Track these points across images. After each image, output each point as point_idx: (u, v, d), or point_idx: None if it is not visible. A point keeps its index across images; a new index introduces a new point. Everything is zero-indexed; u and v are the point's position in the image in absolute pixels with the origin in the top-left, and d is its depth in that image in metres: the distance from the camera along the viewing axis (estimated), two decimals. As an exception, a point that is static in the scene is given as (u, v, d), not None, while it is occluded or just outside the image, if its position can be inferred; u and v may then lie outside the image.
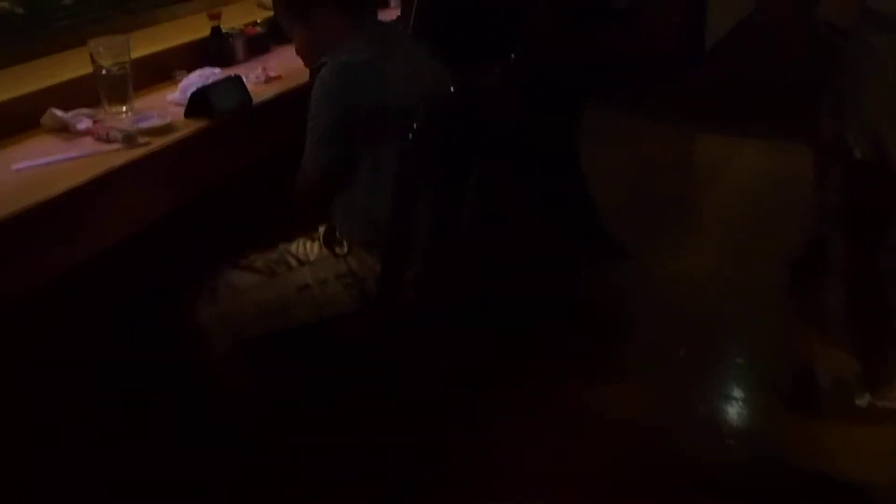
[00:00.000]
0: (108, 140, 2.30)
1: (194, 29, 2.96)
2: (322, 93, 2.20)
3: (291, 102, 2.57)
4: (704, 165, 5.26)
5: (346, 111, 2.19)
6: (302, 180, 2.31)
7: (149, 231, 2.24)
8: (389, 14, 3.41)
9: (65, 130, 2.39)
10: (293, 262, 2.31)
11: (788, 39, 3.81)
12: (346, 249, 2.30)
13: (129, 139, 2.28)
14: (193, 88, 2.50)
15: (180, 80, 2.67)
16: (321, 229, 2.34)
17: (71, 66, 2.55)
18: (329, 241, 2.32)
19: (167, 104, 2.57)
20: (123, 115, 2.47)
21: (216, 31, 2.92)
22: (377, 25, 2.36)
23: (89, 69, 2.46)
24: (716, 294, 3.55)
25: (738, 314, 3.42)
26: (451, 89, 2.25)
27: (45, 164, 2.19)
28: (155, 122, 2.39)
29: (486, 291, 2.87)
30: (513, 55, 2.61)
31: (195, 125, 2.42)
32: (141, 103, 2.56)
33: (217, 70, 2.71)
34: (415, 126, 2.09)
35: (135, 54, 2.65)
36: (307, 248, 2.33)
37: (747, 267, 3.77)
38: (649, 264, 3.73)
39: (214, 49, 2.91)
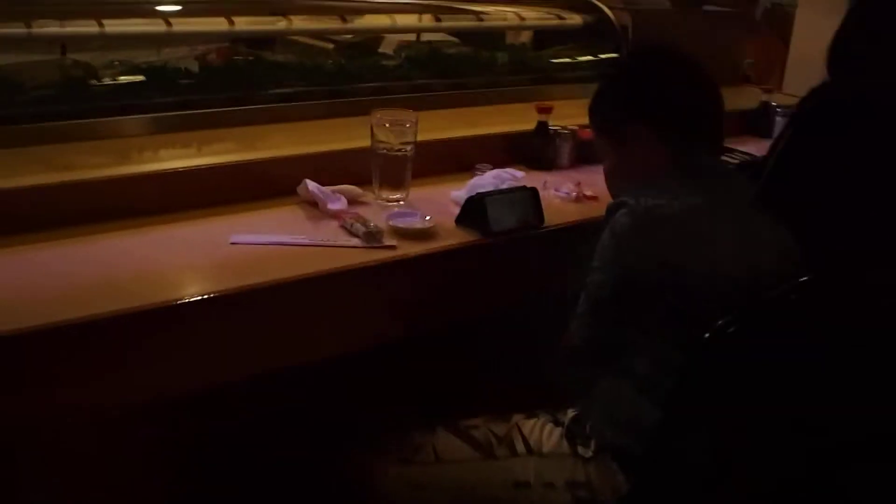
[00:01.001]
0: (350, 231, 1.89)
1: (517, 119, 2.50)
2: (613, 243, 1.63)
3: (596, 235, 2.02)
4: None
5: (639, 276, 1.60)
6: (565, 345, 1.75)
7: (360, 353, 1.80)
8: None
9: (315, 206, 2.02)
10: (520, 447, 1.74)
11: None
12: (590, 452, 1.69)
13: (371, 237, 1.86)
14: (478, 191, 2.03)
15: (480, 174, 2.22)
16: (569, 414, 1.75)
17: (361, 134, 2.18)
18: (573, 435, 1.72)
19: (447, 202, 2.11)
20: (394, 203, 2.06)
21: (542, 126, 2.44)
22: (706, 167, 1.73)
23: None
24: None
25: None
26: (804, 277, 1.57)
27: (264, 243, 1.82)
28: (413, 222, 1.94)
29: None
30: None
31: (462, 238, 1.95)
32: (420, 193, 2.14)
33: (520, 174, 2.23)
34: (727, 318, 1.45)
35: (441, 134, 2.28)
36: (545, 433, 1.75)
37: None
38: None
39: (534, 147, 2.43)
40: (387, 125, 2.06)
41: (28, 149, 1.97)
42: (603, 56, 2.94)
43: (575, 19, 2.92)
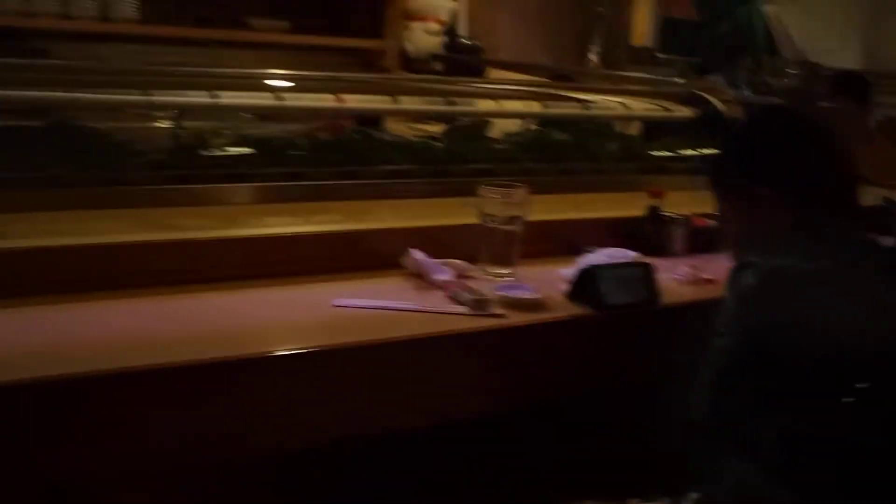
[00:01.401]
0: (457, 300, 1.82)
1: (626, 206, 2.42)
2: (736, 304, 1.53)
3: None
4: None
5: (764, 338, 1.50)
6: (684, 420, 1.63)
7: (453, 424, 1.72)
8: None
9: (420, 277, 1.96)
10: (635, 532, 1.61)
11: None
12: (714, 539, 1.55)
13: (480, 305, 1.79)
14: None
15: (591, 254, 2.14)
16: (692, 497, 1.62)
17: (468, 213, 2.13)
18: (696, 517, 1.59)
19: (556, 279, 2.03)
20: (500, 279, 1.99)
21: (653, 211, 2.36)
22: (837, 230, 1.62)
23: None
24: None
25: None
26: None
27: (365, 307, 1.77)
28: (522, 293, 1.87)
29: None
30: None
31: (572, 311, 1.86)
32: (528, 271, 2.06)
33: (633, 254, 2.13)
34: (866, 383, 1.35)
35: (549, 216, 2.21)
36: (664, 517, 1.62)
37: None
38: None
39: (646, 231, 2.35)
40: (495, 197, 2.02)
41: (139, 210, 1.98)
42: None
43: (684, 112, 2.87)
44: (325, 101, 2.32)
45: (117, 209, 1.97)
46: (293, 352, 1.56)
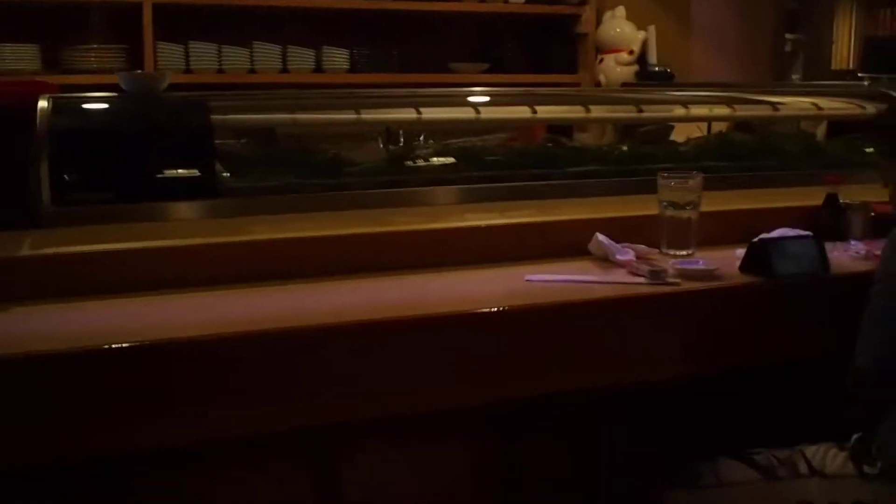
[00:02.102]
0: (637, 273, 2.08)
1: (806, 199, 2.59)
2: (891, 251, 1.72)
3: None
4: None
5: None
6: (851, 373, 1.82)
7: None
8: None
9: (605, 259, 2.22)
10: (802, 468, 1.81)
11: None
12: (877, 470, 1.72)
13: (656, 275, 2.04)
14: (762, 239, 2.16)
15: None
16: (853, 438, 1.80)
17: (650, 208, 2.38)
18: (858, 455, 1.76)
19: (731, 258, 2.24)
20: (677, 259, 2.23)
21: (831, 198, 2.52)
22: None
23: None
24: None
25: None
26: None
27: (554, 280, 2.05)
28: (697, 265, 2.10)
29: None
30: None
31: (743, 279, 2.07)
32: (704, 254, 2.27)
33: (807, 233, 2.31)
34: None
35: (724, 207, 2.42)
36: (829, 455, 1.81)
37: None
38: None
39: (824, 218, 2.50)
40: (672, 184, 2.26)
41: (357, 211, 2.35)
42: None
43: (870, 109, 2.99)
44: (519, 112, 2.63)
45: (340, 211, 2.34)
46: (491, 310, 1.85)
